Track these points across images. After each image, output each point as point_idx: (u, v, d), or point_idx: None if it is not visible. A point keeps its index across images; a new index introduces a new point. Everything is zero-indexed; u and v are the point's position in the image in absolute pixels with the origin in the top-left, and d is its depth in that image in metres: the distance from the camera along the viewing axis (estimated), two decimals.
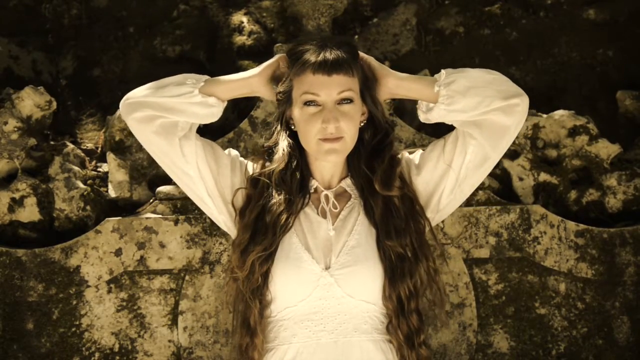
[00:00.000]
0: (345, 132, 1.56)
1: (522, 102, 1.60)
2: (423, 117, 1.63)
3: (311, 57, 1.55)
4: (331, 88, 1.55)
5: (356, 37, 2.95)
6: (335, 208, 1.62)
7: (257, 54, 2.95)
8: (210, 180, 1.62)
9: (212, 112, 1.62)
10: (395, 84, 1.62)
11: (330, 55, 1.54)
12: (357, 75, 1.58)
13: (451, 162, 1.61)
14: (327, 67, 1.54)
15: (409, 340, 1.58)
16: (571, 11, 2.92)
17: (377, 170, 1.60)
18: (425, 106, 1.62)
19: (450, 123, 1.63)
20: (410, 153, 1.67)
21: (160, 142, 1.60)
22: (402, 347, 1.59)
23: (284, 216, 1.59)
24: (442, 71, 1.61)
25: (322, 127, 1.55)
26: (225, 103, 1.64)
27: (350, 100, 1.56)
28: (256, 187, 1.63)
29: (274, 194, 1.60)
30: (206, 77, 1.63)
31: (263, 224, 1.59)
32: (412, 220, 1.61)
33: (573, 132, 2.51)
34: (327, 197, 1.63)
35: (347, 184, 1.66)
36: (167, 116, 1.59)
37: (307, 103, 1.56)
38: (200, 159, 1.61)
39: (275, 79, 1.63)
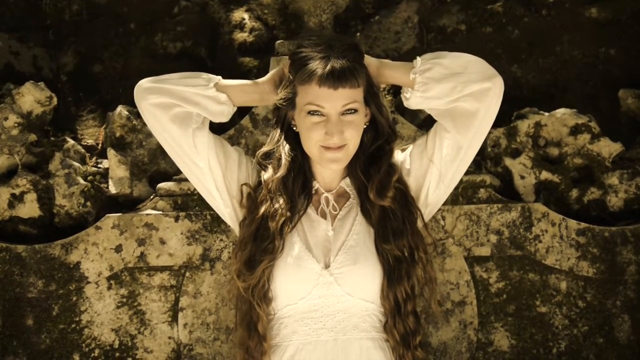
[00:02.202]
0: (348, 140, 1.57)
1: (495, 85, 1.58)
2: (406, 103, 1.64)
3: (317, 68, 1.54)
4: (336, 101, 1.55)
5: (358, 34, 2.94)
6: (335, 210, 1.63)
7: (259, 51, 2.95)
8: (218, 174, 1.62)
9: (223, 111, 1.63)
10: (376, 72, 1.62)
11: (337, 65, 1.53)
12: (362, 84, 1.58)
13: (432, 157, 1.62)
14: (333, 81, 1.53)
15: (404, 341, 1.59)
16: (573, 9, 2.92)
17: (374, 178, 1.61)
18: (409, 92, 1.63)
19: (428, 112, 1.63)
20: (403, 150, 1.67)
21: (175, 130, 1.60)
22: (398, 346, 1.59)
23: (288, 220, 1.60)
24: (418, 58, 1.60)
25: (326, 137, 1.56)
26: (235, 108, 1.65)
27: (354, 110, 1.57)
28: (256, 196, 1.63)
29: (275, 199, 1.60)
30: (219, 77, 1.64)
31: (267, 231, 1.59)
32: (407, 215, 1.61)
33: (575, 131, 2.51)
34: (327, 199, 1.63)
35: (347, 183, 1.66)
36: (182, 105, 1.60)
37: (311, 112, 1.57)
38: (211, 152, 1.61)
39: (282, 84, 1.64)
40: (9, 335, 2.32)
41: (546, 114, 2.54)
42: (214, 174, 1.62)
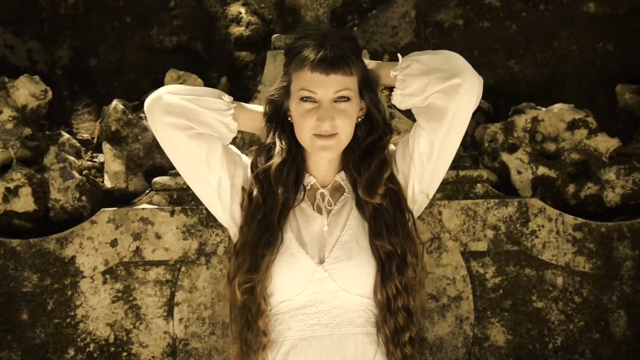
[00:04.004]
0: (340, 129, 1.56)
1: (465, 81, 1.54)
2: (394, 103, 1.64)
3: (310, 54, 1.55)
4: (328, 87, 1.55)
5: (355, 29, 2.93)
6: (330, 205, 1.62)
7: (255, 45, 2.94)
8: (226, 187, 1.61)
9: (226, 137, 1.63)
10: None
11: (329, 53, 1.54)
12: (356, 73, 1.58)
13: (412, 155, 1.62)
14: (325, 66, 1.53)
15: (394, 337, 1.59)
16: (571, 4, 2.91)
17: (363, 174, 1.60)
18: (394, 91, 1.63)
19: (412, 110, 1.62)
20: (395, 144, 1.67)
21: (192, 149, 1.58)
22: (389, 343, 1.59)
23: (283, 212, 1.59)
24: (400, 57, 1.60)
25: (317, 124, 1.55)
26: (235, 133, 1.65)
27: (347, 99, 1.56)
28: (251, 200, 1.62)
29: (271, 191, 1.60)
30: (231, 98, 1.63)
31: (265, 224, 1.59)
32: (400, 216, 1.60)
33: (572, 126, 2.50)
34: (322, 195, 1.63)
35: (342, 177, 1.66)
36: (197, 128, 1.58)
37: (304, 99, 1.56)
38: (223, 168, 1.60)
39: None
40: (3, 330, 2.31)
41: (543, 109, 2.53)
42: (221, 187, 1.61)
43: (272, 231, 1.58)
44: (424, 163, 1.60)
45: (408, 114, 2.54)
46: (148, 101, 1.58)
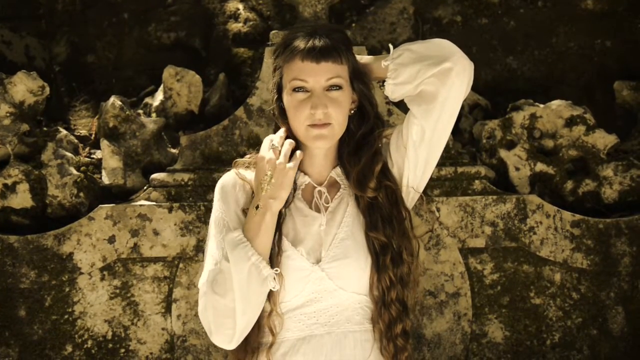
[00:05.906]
0: (333, 119, 1.56)
1: (455, 64, 1.54)
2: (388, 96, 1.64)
3: (300, 44, 1.55)
4: (319, 75, 1.55)
5: (353, 25, 2.93)
6: (327, 203, 1.62)
7: (253, 41, 2.93)
8: None
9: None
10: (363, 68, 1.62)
11: (318, 42, 1.55)
12: (347, 63, 1.58)
13: (406, 144, 1.61)
14: (314, 54, 1.54)
15: (387, 331, 1.58)
16: (569, 1, 2.92)
17: (354, 169, 1.60)
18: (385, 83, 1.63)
19: (407, 101, 1.62)
20: (387, 137, 1.66)
21: None
22: (382, 338, 1.58)
23: (283, 214, 1.59)
24: (391, 47, 1.61)
25: (311, 113, 1.55)
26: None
27: (338, 87, 1.56)
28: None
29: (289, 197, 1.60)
30: (260, 256, 1.54)
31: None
32: (396, 213, 1.60)
33: (570, 122, 2.50)
34: (320, 192, 1.62)
35: (337, 173, 1.65)
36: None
37: (296, 89, 1.56)
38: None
39: None
40: (1, 326, 2.31)
41: (541, 105, 2.53)
42: None
43: (277, 233, 1.57)
44: (416, 151, 1.60)
45: (406, 110, 2.54)
46: (224, 344, 1.56)
